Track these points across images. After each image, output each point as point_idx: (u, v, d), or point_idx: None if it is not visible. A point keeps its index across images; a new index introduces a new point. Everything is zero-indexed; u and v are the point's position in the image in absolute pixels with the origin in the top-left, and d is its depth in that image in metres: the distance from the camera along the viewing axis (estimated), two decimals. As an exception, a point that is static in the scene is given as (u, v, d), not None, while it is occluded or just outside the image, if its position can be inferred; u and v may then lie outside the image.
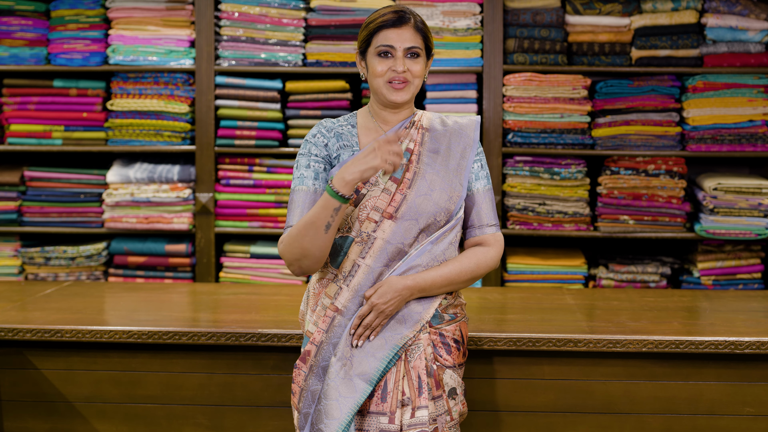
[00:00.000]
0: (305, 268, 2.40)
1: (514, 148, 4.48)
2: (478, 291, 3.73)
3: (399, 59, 2.44)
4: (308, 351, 2.44)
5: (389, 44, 2.44)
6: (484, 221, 2.52)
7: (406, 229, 2.43)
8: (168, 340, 2.92)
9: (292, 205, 2.45)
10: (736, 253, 4.52)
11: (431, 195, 2.44)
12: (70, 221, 4.64)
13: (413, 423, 2.36)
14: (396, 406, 2.38)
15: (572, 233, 4.49)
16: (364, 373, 2.38)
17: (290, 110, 4.54)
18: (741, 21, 4.44)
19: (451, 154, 2.51)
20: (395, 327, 2.42)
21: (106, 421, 2.98)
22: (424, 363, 2.41)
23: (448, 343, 2.46)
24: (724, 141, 4.47)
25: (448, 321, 2.48)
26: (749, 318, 3.16)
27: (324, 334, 2.43)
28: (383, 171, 2.33)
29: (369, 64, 2.48)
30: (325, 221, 2.34)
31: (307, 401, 2.42)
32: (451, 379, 2.45)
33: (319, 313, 2.46)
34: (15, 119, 4.63)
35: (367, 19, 2.49)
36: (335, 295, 2.44)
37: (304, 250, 2.37)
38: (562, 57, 4.49)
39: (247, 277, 4.56)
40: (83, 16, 4.58)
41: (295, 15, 4.52)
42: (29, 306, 3.29)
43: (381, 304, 2.38)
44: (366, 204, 2.44)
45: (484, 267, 2.49)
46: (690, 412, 2.87)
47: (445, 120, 2.58)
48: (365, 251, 2.42)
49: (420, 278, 2.41)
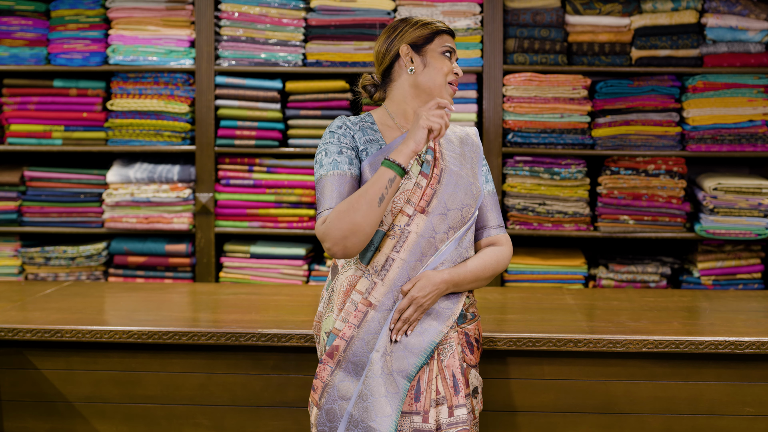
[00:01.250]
0: (350, 247, 2.35)
1: (514, 148, 4.48)
2: (478, 291, 3.73)
3: (456, 65, 2.55)
4: (337, 346, 2.41)
5: (452, 47, 2.55)
6: (494, 222, 2.58)
7: (436, 224, 2.45)
8: (168, 340, 2.92)
9: (327, 188, 2.42)
10: (736, 253, 4.52)
11: (457, 191, 2.48)
12: (70, 221, 4.63)
13: (453, 422, 2.39)
14: (430, 405, 2.40)
15: (572, 233, 4.49)
16: (402, 369, 2.40)
17: (290, 110, 4.54)
18: (741, 21, 4.44)
19: (465, 155, 2.57)
20: (429, 323, 2.44)
21: (106, 421, 2.98)
22: (457, 362, 2.44)
23: (471, 342, 2.50)
24: (724, 141, 4.47)
25: (470, 320, 2.52)
26: (749, 318, 3.16)
27: (355, 329, 2.41)
28: (429, 131, 2.35)
29: (430, 61, 2.52)
30: (380, 193, 2.33)
31: (332, 397, 2.40)
32: (475, 379, 2.50)
33: (349, 309, 2.44)
34: (15, 119, 4.63)
35: (417, 20, 2.56)
36: (368, 291, 2.43)
37: (355, 225, 2.33)
38: (562, 57, 4.49)
39: (247, 277, 4.56)
40: (83, 16, 4.57)
41: (295, 15, 4.52)
42: (29, 306, 3.29)
43: (420, 298, 2.41)
44: (399, 197, 2.45)
45: (502, 264, 2.56)
46: (690, 412, 2.87)
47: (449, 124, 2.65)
48: (399, 245, 2.43)
49: (454, 272, 2.45)
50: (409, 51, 2.52)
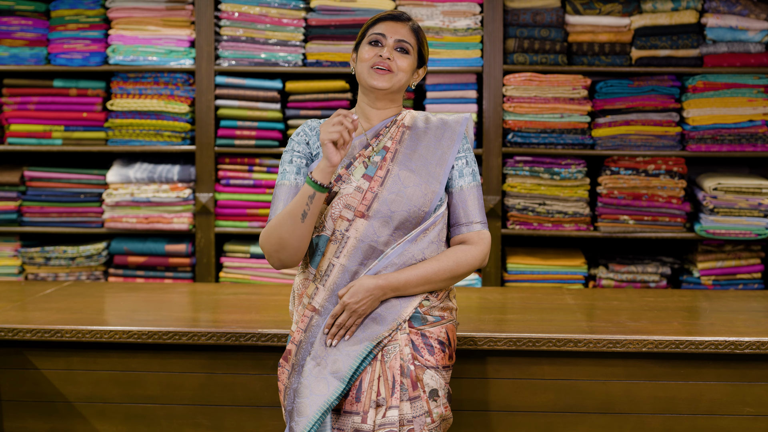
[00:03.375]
0: (284, 260, 2.42)
1: (514, 148, 4.48)
2: (478, 291, 3.73)
3: (388, 47, 2.49)
4: (289, 350, 2.46)
5: (381, 33, 2.50)
6: (470, 218, 2.50)
7: (378, 228, 2.43)
8: (168, 340, 2.92)
9: (275, 199, 2.49)
10: (736, 253, 4.52)
11: (404, 192, 2.44)
12: (70, 221, 4.63)
13: (383, 423, 2.35)
14: (370, 405, 2.37)
15: (572, 233, 4.49)
16: (338, 371, 2.38)
17: (290, 110, 4.54)
18: (741, 21, 4.44)
19: (430, 151, 2.51)
20: (371, 326, 2.41)
21: (106, 421, 2.98)
22: (399, 363, 2.39)
23: (432, 344, 2.44)
24: (724, 141, 4.47)
25: (432, 323, 2.46)
26: (749, 318, 3.16)
27: (303, 333, 2.44)
28: (334, 143, 2.33)
29: (359, 55, 2.52)
30: (301, 210, 2.37)
31: (290, 399, 2.44)
32: (432, 380, 2.42)
33: (300, 313, 2.47)
34: (15, 119, 4.63)
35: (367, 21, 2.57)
36: (313, 295, 2.45)
37: (282, 241, 2.39)
38: (562, 57, 4.49)
39: (247, 277, 4.56)
40: (83, 16, 4.57)
41: (295, 15, 4.52)
42: (29, 306, 3.29)
43: (353, 304, 2.39)
44: (338, 202, 2.45)
45: (465, 266, 2.47)
46: (690, 412, 2.87)
47: (429, 117, 2.59)
48: (339, 250, 2.43)
49: (393, 277, 2.41)
50: (353, 55, 2.57)
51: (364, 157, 2.50)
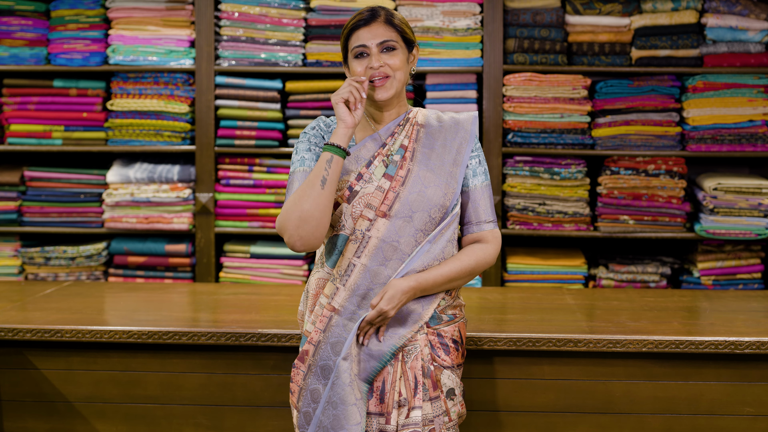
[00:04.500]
0: (305, 236, 2.35)
1: (514, 148, 4.48)
2: (478, 291, 3.73)
3: (374, 56, 2.46)
4: (306, 351, 2.45)
5: (362, 43, 2.47)
6: (481, 218, 2.52)
7: (400, 227, 2.43)
8: (168, 340, 2.92)
9: (291, 184, 2.45)
10: (736, 253, 4.52)
11: (425, 192, 2.45)
12: (70, 221, 4.63)
13: (407, 423, 2.38)
14: (393, 406, 2.39)
15: (572, 233, 4.49)
16: (361, 372, 2.40)
17: (290, 110, 4.54)
18: (741, 21, 4.44)
19: (446, 150, 2.51)
20: (394, 327, 2.42)
21: (106, 421, 2.98)
22: (420, 364, 2.41)
23: (447, 343, 2.47)
24: (724, 141, 4.47)
25: (446, 322, 2.48)
26: (749, 318, 3.16)
27: (321, 333, 2.43)
28: (346, 102, 2.38)
29: (350, 66, 2.51)
30: (320, 176, 2.35)
31: (306, 400, 2.43)
32: (449, 380, 2.45)
33: (317, 313, 2.46)
34: (15, 119, 4.63)
35: (345, 25, 2.54)
36: (332, 295, 2.44)
37: (303, 213, 2.34)
38: (562, 57, 4.49)
39: (247, 277, 4.56)
40: (83, 16, 4.57)
41: (295, 15, 4.52)
42: (29, 306, 3.29)
43: (391, 310, 2.39)
44: (359, 201, 2.44)
45: (483, 264, 2.50)
46: (690, 412, 2.87)
47: (441, 116, 2.58)
48: (360, 250, 2.43)
49: (422, 278, 2.42)
50: (344, 67, 2.56)
51: (383, 155, 2.49)
